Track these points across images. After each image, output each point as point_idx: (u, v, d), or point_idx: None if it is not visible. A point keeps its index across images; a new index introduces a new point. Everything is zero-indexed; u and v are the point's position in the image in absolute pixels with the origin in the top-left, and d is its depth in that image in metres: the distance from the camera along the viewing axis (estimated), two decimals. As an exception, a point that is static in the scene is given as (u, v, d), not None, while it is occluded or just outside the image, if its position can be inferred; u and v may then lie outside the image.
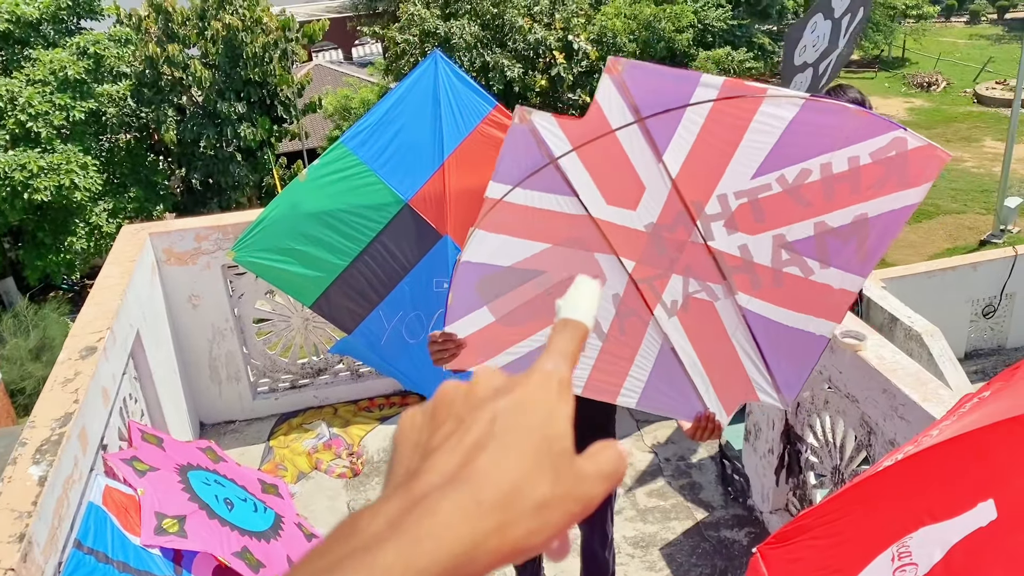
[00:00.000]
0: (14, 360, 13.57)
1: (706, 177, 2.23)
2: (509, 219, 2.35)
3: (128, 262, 4.06)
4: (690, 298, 2.41)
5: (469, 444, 0.46)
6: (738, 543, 3.86)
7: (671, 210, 2.30)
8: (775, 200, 2.21)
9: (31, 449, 2.81)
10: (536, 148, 2.25)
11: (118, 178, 16.61)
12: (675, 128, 2.19)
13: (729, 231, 2.29)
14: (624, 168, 2.26)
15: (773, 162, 2.16)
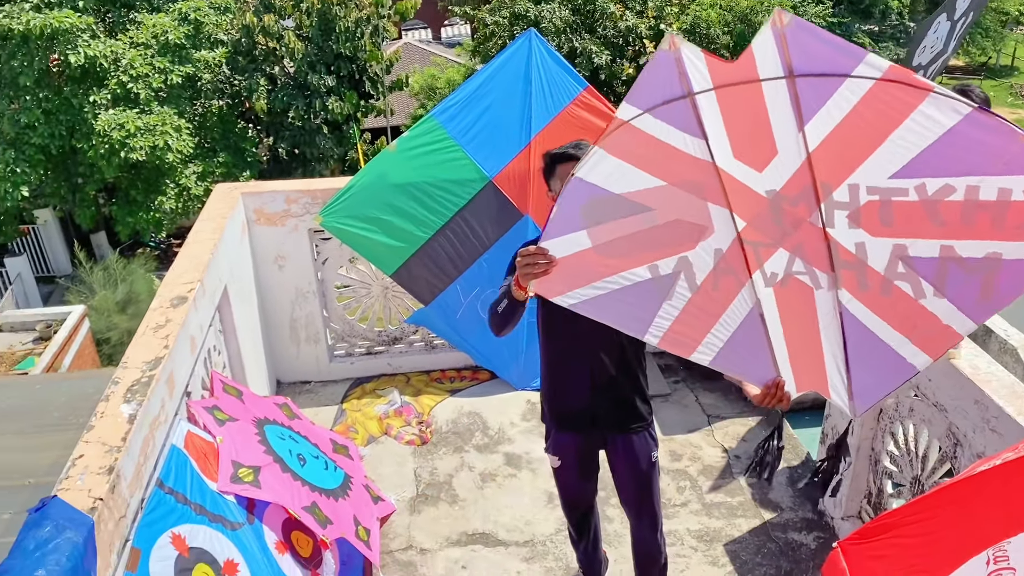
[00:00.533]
0: (102, 311, 14.14)
1: (844, 161, 2.10)
2: (632, 145, 2.22)
3: (220, 219, 4.18)
4: (792, 277, 2.31)
5: None
6: (806, 547, 3.78)
7: (798, 183, 2.18)
8: (908, 208, 2.07)
9: (123, 388, 2.92)
10: (677, 79, 2.12)
11: (208, 143, 17.10)
12: (826, 100, 2.06)
13: (851, 224, 2.17)
14: (761, 125, 2.14)
15: (918, 167, 2.01)
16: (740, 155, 2.22)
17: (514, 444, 4.48)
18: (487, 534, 3.91)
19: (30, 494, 3.72)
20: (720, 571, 3.66)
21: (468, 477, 4.27)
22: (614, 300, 2.42)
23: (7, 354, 11.83)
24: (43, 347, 11.78)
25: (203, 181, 16.40)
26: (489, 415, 4.70)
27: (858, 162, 2.09)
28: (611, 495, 4.07)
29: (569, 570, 3.68)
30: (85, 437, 2.69)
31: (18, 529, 3.53)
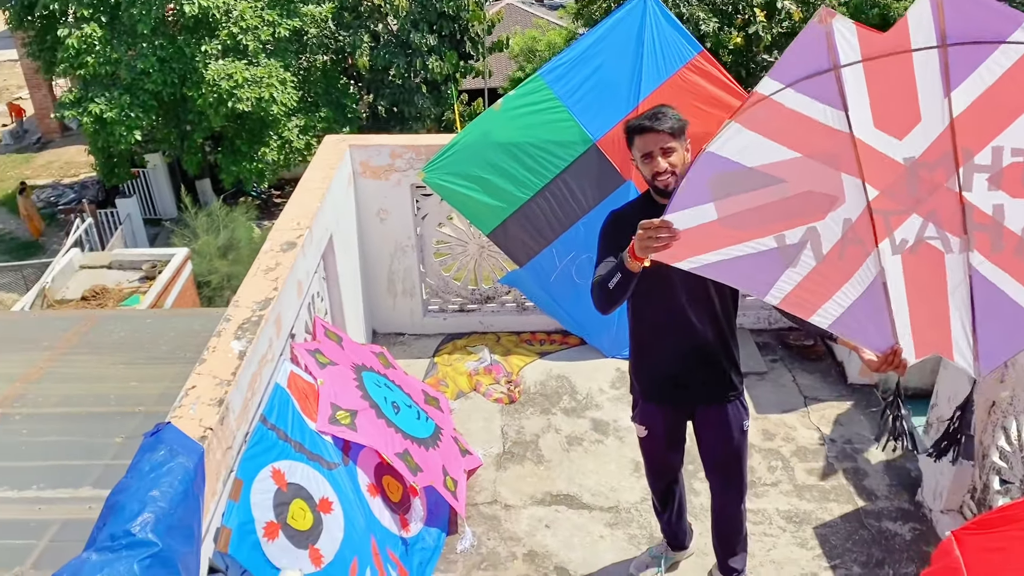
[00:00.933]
0: (204, 255, 14.69)
1: (990, 125, 2.12)
2: (770, 119, 2.25)
3: (329, 169, 4.26)
4: (923, 242, 2.33)
5: None
6: (900, 537, 3.66)
7: (938, 149, 2.20)
8: None
9: (234, 326, 3.02)
10: (825, 52, 2.16)
11: (311, 97, 17.46)
12: (977, 65, 2.08)
13: (991, 187, 2.19)
14: (907, 94, 2.17)
15: None
16: (881, 124, 2.23)
17: (602, 411, 4.47)
18: (571, 496, 3.93)
19: (140, 421, 3.92)
20: (808, 553, 3.59)
21: (554, 439, 4.28)
22: (736, 265, 2.43)
23: (115, 290, 12.43)
24: (148, 286, 12.33)
25: (304, 135, 16.79)
26: (578, 380, 4.70)
27: (1005, 125, 2.11)
28: (699, 468, 4.03)
29: (653, 539, 3.67)
30: (197, 370, 2.80)
31: (131, 452, 3.72)
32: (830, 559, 3.56)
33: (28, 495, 3.37)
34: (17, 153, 22.77)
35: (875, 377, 4.57)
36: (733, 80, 4.54)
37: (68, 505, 3.34)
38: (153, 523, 2.22)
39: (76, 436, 3.78)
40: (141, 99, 15.30)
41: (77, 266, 12.77)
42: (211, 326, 4.85)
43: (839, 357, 4.75)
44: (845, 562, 3.54)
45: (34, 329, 4.84)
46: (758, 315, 5.06)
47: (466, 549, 3.67)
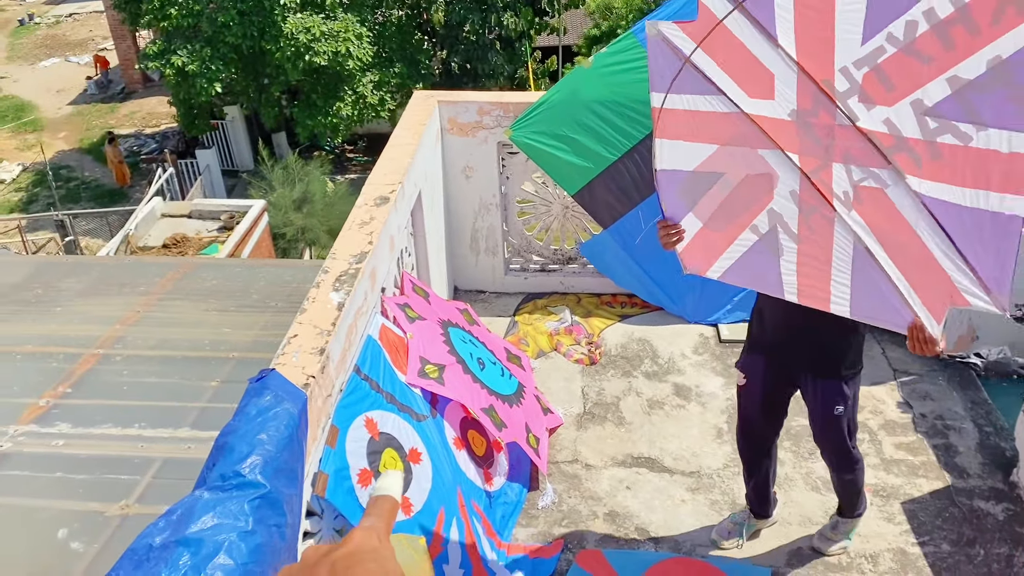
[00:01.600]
0: (279, 207, 14.97)
1: (822, 52, 2.11)
2: (676, 124, 2.46)
3: (419, 125, 4.28)
4: (859, 187, 2.27)
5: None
6: (992, 516, 3.57)
7: (806, 92, 2.21)
8: (894, 62, 2.02)
9: (332, 277, 3.08)
10: (672, 53, 2.35)
11: (386, 52, 17.47)
12: (772, 8, 2.11)
13: (867, 106, 2.12)
14: (749, 59, 2.24)
15: (875, 21, 1.99)
16: (752, 93, 2.32)
17: (684, 375, 4.44)
18: (653, 459, 3.93)
19: (234, 366, 4.04)
20: (895, 528, 3.53)
21: (635, 402, 4.28)
22: (745, 267, 2.63)
23: (195, 239, 12.79)
24: (226, 236, 12.65)
25: (379, 90, 16.85)
26: (659, 344, 4.67)
27: (832, 46, 2.08)
28: (784, 438, 3.98)
29: (735, 505, 3.65)
30: (299, 319, 2.86)
31: (225, 396, 3.85)
32: (918, 535, 3.50)
33: (131, 432, 3.52)
34: (102, 103, 23.43)
35: (970, 352, 4.43)
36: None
37: (168, 444, 3.47)
38: (261, 465, 2.29)
39: (173, 378, 3.92)
40: (221, 51, 15.54)
41: (159, 214, 13.16)
42: (300, 277, 4.96)
43: (931, 331, 4.61)
44: (934, 539, 3.47)
45: (130, 274, 5.01)
46: (846, 285, 4.93)
47: (547, 505, 3.71)
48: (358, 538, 0.61)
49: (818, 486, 3.74)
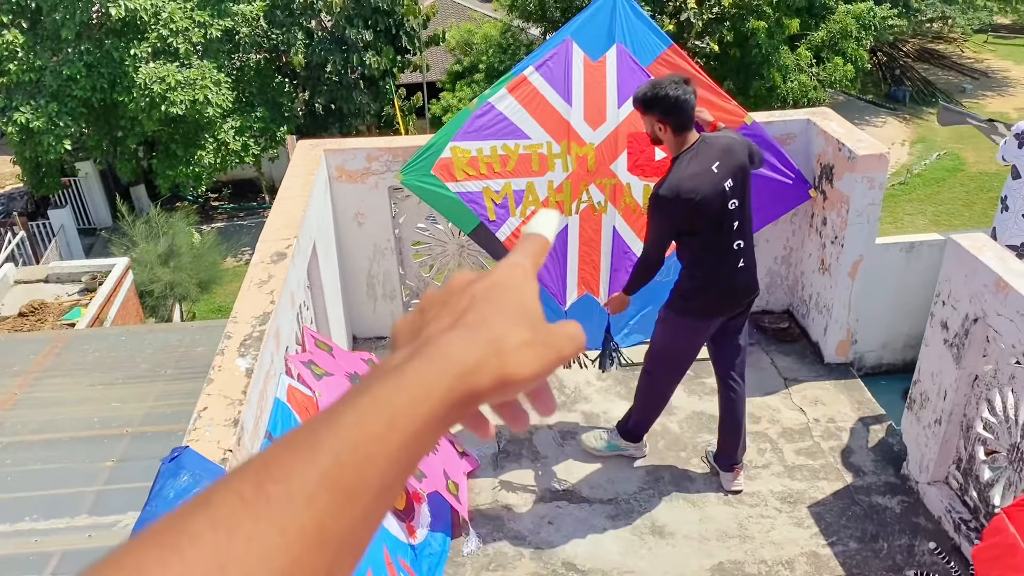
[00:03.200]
0: (144, 263, 14.27)
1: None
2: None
3: (308, 175, 4.20)
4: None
5: (456, 312, 0.53)
6: (890, 510, 3.80)
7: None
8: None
9: (236, 342, 2.96)
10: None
11: (246, 97, 17.07)
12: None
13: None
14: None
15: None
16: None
17: (591, 403, 4.51)
18: (571, 491, 3.97)
19: (129, 443, 3.81)
20: (806, 532, 3.70)
21: (547, 435, 4.31)
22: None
23: (54, 305, 12.00)
24: (89, 298, 11.94)
25: (241, 136, 16.42)
26: (565, 374, 4.73)
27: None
28: (691, 455, 4.11)
29: (655, 528, 3.73)
30: (207, 390, 2.74)
31: (124, 475, 3.62)
32: (827, 536, 3.68)
33: (22, 527, 3.26)
34: (-67, 166, 21.72)
35: (851, 355, 4.72)
36: (702, 70, 4.61)
37: (66, 535, 3.23)
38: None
39: (63, 463, 3.67)
40: (69, 106, 14.76)
41: (12, 281, 12.28)
42: (187, 340, 4.74)
43: (814, 338, 4.89)
44: (842, 538, 3.66)
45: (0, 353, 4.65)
46: (732, 301, 5.17)
47: (472, 551, 3.68)
48: (502, 271, 0.57)
49: (731, 500, 3.88)
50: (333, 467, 0.43)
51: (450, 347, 0.50)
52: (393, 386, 0.47)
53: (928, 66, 25.59)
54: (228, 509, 0.39)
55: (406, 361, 0.49)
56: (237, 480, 0.42)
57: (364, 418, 0.45)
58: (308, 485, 0.41)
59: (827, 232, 4.57)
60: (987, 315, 3.31)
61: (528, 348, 0.52)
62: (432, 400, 0.47)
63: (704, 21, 17.21)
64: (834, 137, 4.40)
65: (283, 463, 0.42)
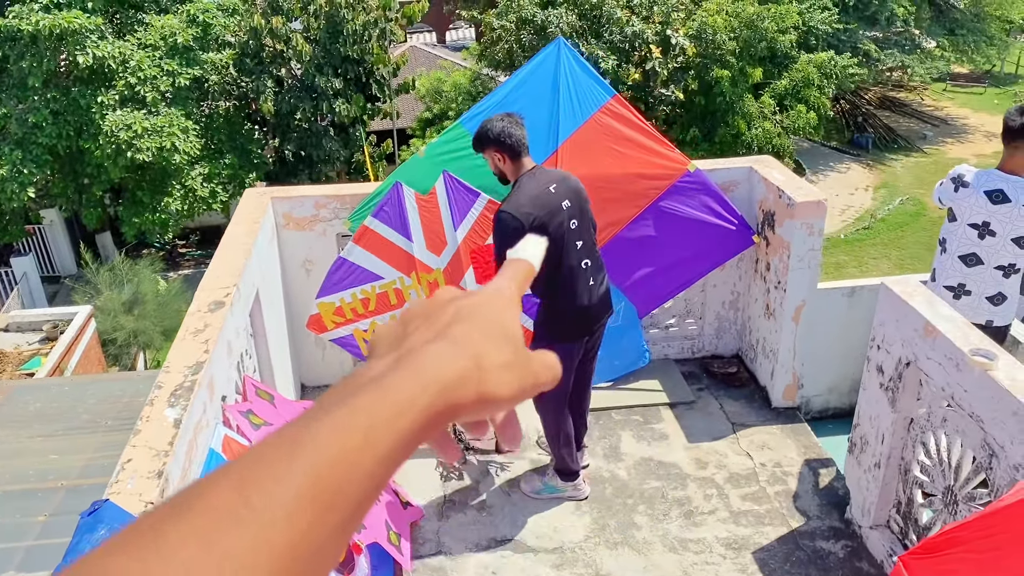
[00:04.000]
0: (108, 311, 14.12)
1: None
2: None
3: (253, 223, 4.20)
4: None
5: (440, 325, 0.53)
6: (834, 555, 3.80)
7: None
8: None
9: (167, 392, 2.93)
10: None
11: (215, 144, 17.10)
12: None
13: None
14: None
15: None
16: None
17: (539, 450, 4.49)
18: (516, 540, 3.93)
19: (64, 496, 3.73)
20: (750, 579, 3.68)
21: (495, 483, 4.28)
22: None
23: (14, 354, 11.81)
24: (50, 347, 11.76)
25: (209, 183, 16.41)
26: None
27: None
28: (638, 502, 4.10)
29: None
30: (132, 441, 2.70)
31: (56, 530, 3.54)
32: (771, 582, 3.66)
33: (-55, 586, 3.17)
34: None
35: (797, 399, 4.75)
36: (645, 120, 4.70)
37: (-10, 593, 3.15)
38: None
39: (-7, 518, 3.58)
40: (34, 153, 14.69)
41: (-30, 331, 12.08)
42: (131, 390, 4.68)
43: (762, 382, 4.92)
44: (785, 584, 3.65)
45: (-63, 405, 4.55)
46: (682, 345, 5.20)
47: (414, 603, 3.62)
48: (487, 294, 0.57)
49: (674, 546, 3.86)
50: (312, 481, 0.42)
51: (434, 359, 0.50)
52: (373, 398, 0.46)
53: (890, 113, 26.23)
54: (208, 520, 0.39)
55: (387, 372, 0.48)
56: (217, 489, 0.41)
57: (343, 432, 0.44)
58: (288, 500, 0.41)
59: (771, 277, 4.63)
60: (918, 359, 3.35)
61: (508, 369, 0.52)
62: (412, 413, 0.47)
63: (669, 70, 17.57)
64: (774, 184, 4.48)
65: (262, 476, 0.41)
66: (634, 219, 4.67)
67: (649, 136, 4.62)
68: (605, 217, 4.61)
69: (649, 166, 4.60)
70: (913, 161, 23.82)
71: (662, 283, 4.77)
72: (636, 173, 4.59)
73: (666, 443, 4.53)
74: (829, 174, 23.25)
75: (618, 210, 4.62)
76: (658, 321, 5.16)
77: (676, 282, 4.78)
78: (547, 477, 4.14)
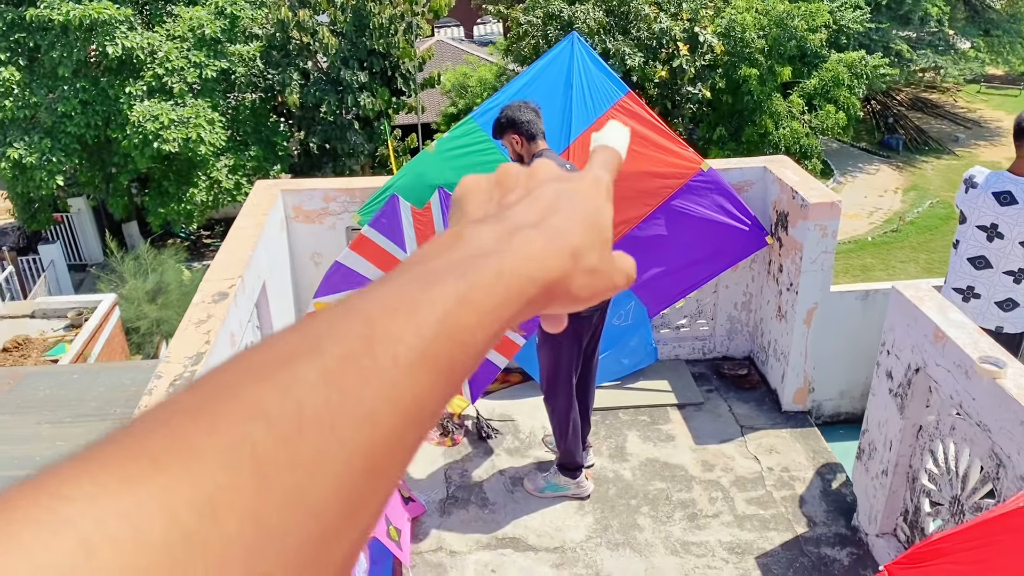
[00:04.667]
0: (132, 300, 14.28)
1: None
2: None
3: (261, 215, 4.21)
4: None
5: (541, 208, 0.51)
6: (839, 562, 3.74)
7: None
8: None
9: (165, 382, 2.94)
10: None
11: (240, 136, 17.23)
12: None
13: None
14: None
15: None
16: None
17: (545, 449, 4.46)
18: (517, 539, 3.91)
19: (68, 483, 3.77)
20: (751, 584, 3.64)
21: (498, 480, 4.26)
22: None
23: (39, 340, 11.99)
24: (74, 334, 11.92)
25: (234, 174, 16.54)
26: (520, 419, 4.70)
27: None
28: (642, 503, 4.06)
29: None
30: (128, 430, 2.71)
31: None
32: (773, 588, 3.61)
33: (-54, 569, 3.21)
34: (-69, 199, 21.87)
35: (808, 403, 4.68)
36: (659, 118, 4.65)
37: (-10, 577, 3.18)
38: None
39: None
40: (63, 142, 14.89)
41: (-3, 316, 12.28)
42: (141, 379, 4.72)
43: (773, 385, 4.86)
44: (787, 591, 3.59)
45: (-49, 389, 4.62)
46: (693, 345, 5.15)
47: (412, 599, 3.61)
48: (587, 183, 0.55)
49: (677, 549, 3.82)
50: (433, 345, 0.41)
51: (540, 252, 0.49)
52: (491, 277, 0.46)
53: (921, 115, 25.85)
54: (338, 363, 0.38)
55: (501, 249, 0.48)
56: (343, 330, 0.40)
57: (460, 307, 0.44)
58: (413, 357, 0.40)
59: (783, 279, 4.57)
60: (927, 365, 3.28)
61: (595, 273, 0.52)
62: (517, 306, 0.47)
63: (696, 68, 17.42)
64: (788, 185, 4.42)
65: (388, 326, 0.40)
66: (645, 218, 4.62)
67: (663, 134, 4.57)
68: (616, 215, 4.55)
69: (662, 164, 4.55)
70: (944, 164, 23.45)
71: (673, 283, 4.72)
72: (648, 171, 4.54)
73: (673, 444, 4.48)
74: (858, 175, 22.96)
75: (629, 208, 4.58)
76: (669, 321, 5.11)
77: (687, 282, 4.73)
78: (550, 475, 4.12)
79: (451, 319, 0.43)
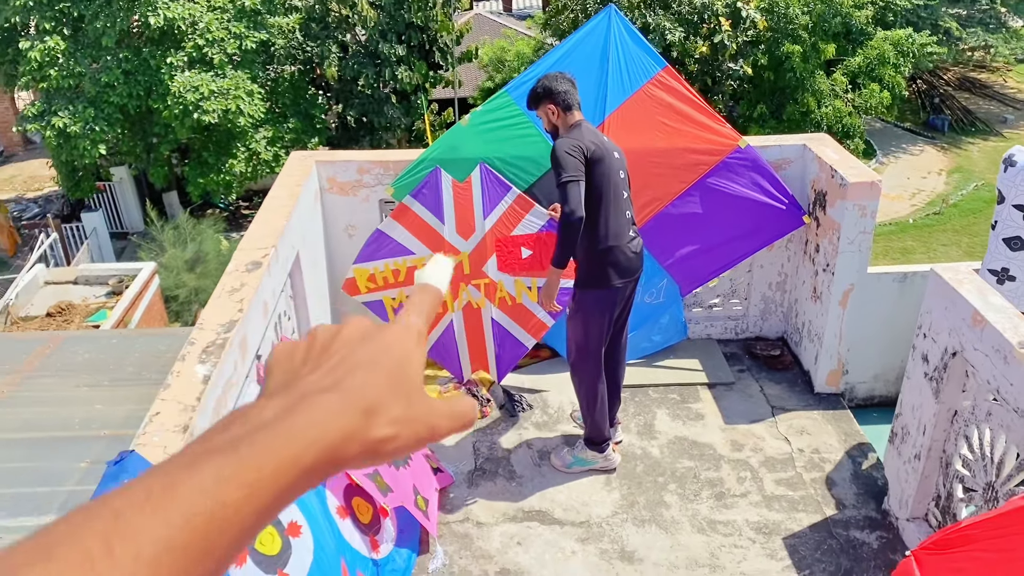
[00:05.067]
0: (171, 269, 14.50)
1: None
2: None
3: (295, 186, 4.24)
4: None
5: (340, 370, 0.53)
6: (867, 545, 3.70)
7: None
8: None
9: (198, 349, 2.99)
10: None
11: (279, 108, 17.32)
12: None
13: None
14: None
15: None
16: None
17: (573, 424, 4.47)
18: (543, 512, 3.93)
19: (106, 445, 3.86)
20: (778, 564, 3.62)
21: (526, 454, 4.28)
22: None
23: (81, 306, 12.24)
24: (115, 301, 12.15)
25: (272, 146, 16.66)
26: (549, 394, 4.70)
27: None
28: (669, 481, 4.05)
29: (624, 553, 3.68)
30: (162, 395, 2.76)
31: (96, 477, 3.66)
32: (800, 569, 3.59)
33: (-10, 524, 3.31)
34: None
35: (841, 385, 4.63)
36: (696, 93, 4.58)
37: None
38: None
39: (40, 462, 3.72)
40: (106, 112, 15.09)
41: (42, 282, 12.56)
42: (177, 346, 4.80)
43: (806, 366, 4.80)
44: (814, 572, 3.57)
45: (-5, 351, 4.74)
46: (725, 325, 5.10)
47: (437, 568, 3.65)
48: (396, 333, 0.57)
49: (703, 527, 3.81)
50: (184, 532, 0.41)
51: (322, 414, 0.50)
52: (261, 450, 0.46)
53: (969, 95, 25.17)
54: (71, 569, 0.38)
55: (278, 420, 0.48)
56: (84, 532, 0.40)
57: (225, 483, 0.44)
58: (156, 549, 0.40)
59: (820, 259, 4.50)
60: (964, 349, 3.22)
61: (400, 424, 0.52)
62: (296, 470, 0.47)
63: (738, 44, 17.12)
64: (827, 163, 4.33)
65: (133, 520, 0.41)
66: (680, 195, 4.57)
67: (700, 110, 4.50)
68: (650, 192, 4.52)
69: (699, 140, 4.49)
70: (991, 145, 22.84)
71: (707, 262, 4.67)
72: (684, 147, 4.49)
73: (702, 423, 4.46)
74: (901, 156, 22.47)
75: (664, 185, 4.53)
76: (702, 300, 5.06)
77: (721, 261, 4.68)
78: (576, 449, 4.12)
79: (208, 500, 0.42)
